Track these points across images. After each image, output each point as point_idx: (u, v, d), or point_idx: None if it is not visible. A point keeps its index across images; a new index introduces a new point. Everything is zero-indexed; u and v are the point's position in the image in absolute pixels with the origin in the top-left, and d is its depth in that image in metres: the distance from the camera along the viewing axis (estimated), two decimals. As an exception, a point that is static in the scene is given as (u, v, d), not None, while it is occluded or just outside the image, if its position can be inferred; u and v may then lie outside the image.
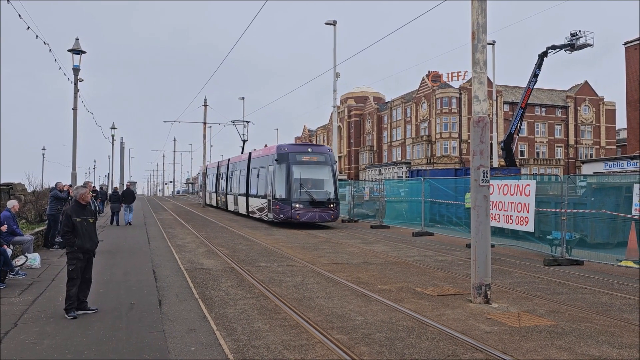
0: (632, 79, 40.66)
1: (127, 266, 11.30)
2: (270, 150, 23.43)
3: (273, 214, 21.71)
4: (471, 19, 8.24)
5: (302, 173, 21.26)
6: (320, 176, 21.84)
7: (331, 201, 21.35)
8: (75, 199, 7.55)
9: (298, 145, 24.12)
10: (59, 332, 6.28)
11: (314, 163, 21.76)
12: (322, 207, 21.03)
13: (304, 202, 20.79)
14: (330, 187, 21.65)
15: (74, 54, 19.75)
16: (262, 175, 23.79)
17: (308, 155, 21.81)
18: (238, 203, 29.13)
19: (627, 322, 7.00)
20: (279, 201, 21.28)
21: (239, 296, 8.34)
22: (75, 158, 20.74)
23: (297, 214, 20.61)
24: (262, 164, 24.02)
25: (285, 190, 20.98)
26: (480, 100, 8.12)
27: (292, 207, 20.65)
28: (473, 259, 8.02)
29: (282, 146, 22.22)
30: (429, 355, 5.52)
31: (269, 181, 22.48)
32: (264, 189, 23.34)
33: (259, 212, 24.24)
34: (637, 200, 11.66)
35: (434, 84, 69.36)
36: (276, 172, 21.66)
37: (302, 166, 21.38)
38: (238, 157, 31.96)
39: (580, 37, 29.37)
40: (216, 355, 5.49)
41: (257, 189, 24.75)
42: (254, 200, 25.23)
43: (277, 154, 21.82)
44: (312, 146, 22.77)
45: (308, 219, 20.76)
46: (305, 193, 20.94)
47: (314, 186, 21.38)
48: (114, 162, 58.72)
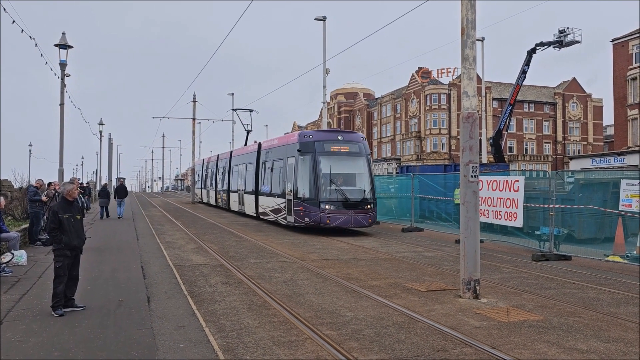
0: (619, 76, 41.05)
1: (115, 263, 11.21)
2: (290, 138, 19.63)
3: (295, 217, 17.92)
4: (461, 15, 8.23)
5: (332, 166, 17.45)
6: (354, 170, 18.04)
7: (368, 201, 17.52)
8: (63, 195, 7.46)
9: (325, 132, 19.62)
10: (46, 330, 6.21)
11: (346, 154, 17.96)
12: (358, 209, 17.22)
13: (335, 202, 16.99)
14: (367, 184, 17.83)
15: (61, 48, 19.52)
16: (278, 169, 20.09)
17: (338, 144, 17.92)
18: (244, 202, 25.35)
19: (614, 316, 7.06)
20: (303, 201, 17.52)
21: (229, 292, 8.31)
22: (62, 154, 20.54)
23: (327, 217, 16.77)
24: (278, 156, 20.33)
25: (311, 188, 17.24)
26: (469, 96, 8.14)
27: (322, 209, 16.79)
28: (462, 254, 8.04)
29: (305, 133, 18.53)
30: (418, 350, 5.53)
31: (288, 177, 18.72)
32: (280, 186, 19.58)
33: (273, 213, 20.56)
34: (624, 196, 11.77)
35: (424, 80, 69.51)
36: (299, 166, 17.88)
37: (331, 158, 17.60)
38: (243, 148, 28.05)
39: (568, 34, 29.60)
40: (205, 352, 5.46)
41: (270, 186, 21.04)
42: (266, 200, 21.47)
43: (300, 142, 18.08)
44: (342, 133, 19.05)
45: (341, 224, 16.94)
46: (336, 191, 17.08)
47: (347, 183, 17.66)
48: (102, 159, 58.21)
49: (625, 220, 12.06)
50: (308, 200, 17.28)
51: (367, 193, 17.63)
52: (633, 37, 40.09)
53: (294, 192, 18.01)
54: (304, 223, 17.44)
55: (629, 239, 12.38)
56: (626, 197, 11.65)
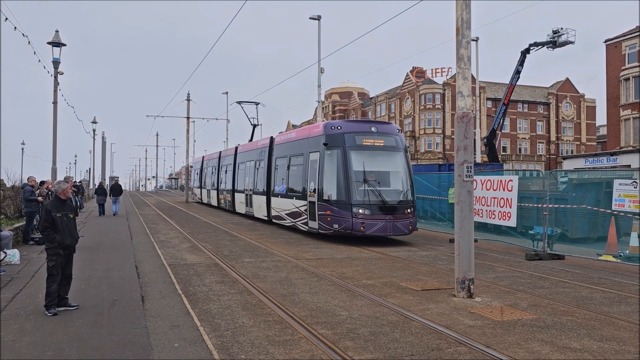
0: (612, 77, 41.29)
1: (109, 262, 11.16)
2: (312, 130, 16.97)
3: (320, 223, 15.35)
4: (455, 14, 8.25)
5: (365, 163, 14.90)
6: (391, 167, 15.63)
7: (408, 204, 14.96)
8: (56, 194, 7.42)
9: (356, 122, 17.52)
10: (39, 329, 6.18)
11: (381, 148, 15.44)
12: (397, 214, 14.60)
13: (370, 206, 14.45)
14: (405, 184, 15.35)
15: (54, 46, 19.43)
16: (297, 167, 17.59)
17: (371, 137, 15.43)
18: (252, 204, 22.84)
19: (607, 315, 7.11)
20: (330, 204, 14.92)
21: (223, 292, 8.29)
22: (55, 153, 20.46)
23: (360, 223, 14.23)
24: (297, 151, 17.85)
25: (340, 189, 14.72)
26: (464, 95, 8.16)
27: (354, 214, 14.30)
28: (457, 253, 8.07)
29: (332, 124, 16.02)
30: (413, 349, 5.55)
31: (310, 175, 16.19)
32: (300, 186, 17.02)
33: (290, 218, 17.95)
34: (616, 195, 11.84)
35: (418, 79, 69.65)
36: (325, 162, 15.36)
37: (364, 153, 15.12)
38: (251, 144, 25.41)
39: (562, 35, 29.69)
40: (200, 351, 5.44)
41: (286, 186, 18.48)
42: (282, 202, 18.88)
43: (326, 135, 15.50)
44: (375, 123, 16.41)
45: (377, 232, 14.34)
46: (372, 193, 14.58)
47: (383, 182, 15.15)
48: (96, 157, 57.99)
49: (618, 219, 12.14)
50: (337, 203, 14.72)
51: (407, 194, 15.17)
52: (626, 37, 40.33)
53: (318, 193, 15.51)
54: (331, 230, 14.85)
55: (622, 239, 12.45)
56: (619, 197, 11.72)
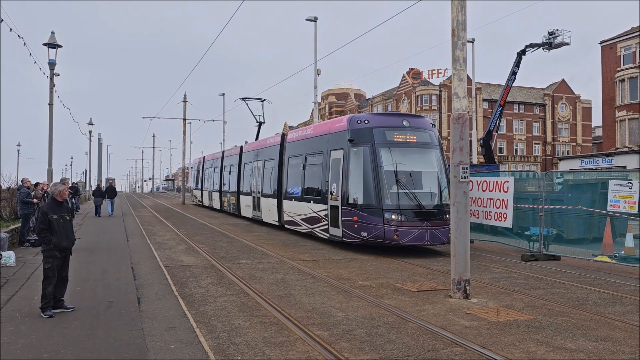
0: (607, 78, 41.46)
1: (105, 264, 11.14)
2: (334, 125, 15.15)
3: (345, 230, 13.53)
4: (451, 16, 8.28)
5: (397, 162, 13.07)
6: (426, 166, 13.79)
7: (446, 209, 12.58)
8: (53, 195, 7.40)
9: (384, 115, 15.52)
10: (35, 332, 6.16)
11: (414, 145, 13.65)
12: (434, 220, 12.75)
13: (405, 211, 12.60)
14: (442, 186, 13.49)
15: (50, 48, 19.35)
16: (316, 166, 15.79)
17: (403, 132, 13.62)
18: (261, 208, 20.97)
19: (603, 315, 7.14)
20: (357, 209, 13.10)
21: (219, 293, 8.29)
22: (51, 154, 20.37)
23: (393, 231, 12.41)
24: (315, 149, 16.02)
25: (369, 191, 12.94)
26: (460, 97, 8.18)
27: (386, 220, 12.48)
28: (452, 254, 8.08)
29: (358, 118, 14.10)
30: (409, 350, 5.56)
31: (332, 176, 14.41)
32: (320, 188, 15.26)
33: (306, 223, 16.14)
34: (612, 196, 11.89)
35: (415, 81, 69.80)
36: (350, 161, 13.59)
37: (396, 150, 13.30)
38: (259, 142, 23.41)
39: (557, 36, 29.80)
40: (196, 352, 5.44)
41: (302, 187, 16.59)
42: (296, 206, 16.94)
43: (351, 130, 13.79)
44: (407, 117, 14.46)
45: (413, 241, 12.54)
46: (406, 196, 12.75)
47: (418, 184, 13.32)
48: (92, 159, 57.83)
49: (614, 220, 12.18)
50: (365, 207, 12.87)
51: (444, 198, 13.16)
52: (621, 39, 40.51)
53: (342, 196, 13.71)
54: (359, 239, 13.03)
55: (617, 239, 12.50)
56: (614, 198, 11.76)
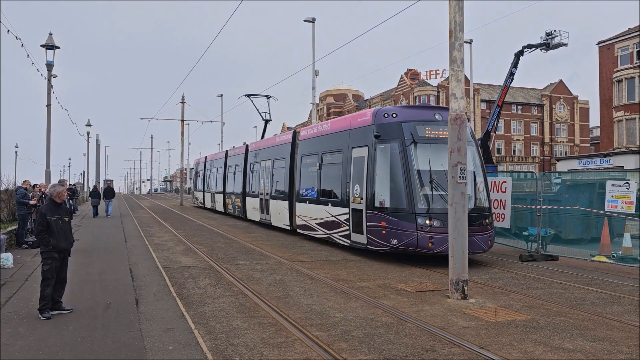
0: (605, 78, 41.55)
1: (103, 265, 11.13)
2: (357, 120, 13.49)
3: (370, 237, 12.01)
4: (448, 17, 8.30)
5: (431, 160, 11.51)
6: None
7: (486, 213, 11.75)
8: (51, 197, 7.39)
9: (414, 108, 13.29)
10: (33, 333, 6.16)
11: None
12: (474, 225, 10.88)
13: (440, 215, 10.89)
14: (481, 187, 12.07)
15: (48, 49, 19.37)
16: (333, 165, 14.40)
17: (436, 126, 11.87)
18: (270, 210, 19.45)
19: (601, 315, 7.15)
20: (386, 213, 11.57)
21: (218, 294, 8.29)
22: (49, 156, 20.39)
23: (428, 238, 10.92)
24: (333, 146, 14.51)
25: (400, 193, 11.39)
26: (457, 98, 8.20)
27: (419, 226, 10.97)
28: (450, 255, 8.09)
29: (385, 111, 12.30)
30: (407, 350, 5.56)
31: (355, 176, 12.90)
32: (340, 189, 13.73)
33: (323, 228, 14.70)
34: (609, 196, 11.92)
35: (413, 81, 69.82)
36: (377, 159, 12.02)
37: (429, 147, 11.67)
38: (266, 141, 22.05)
39: (555, 37, 29.87)
40: (194, 354, 5.44)
41: (317, 189, 15.25)
42: (311, 209, 15.51)
43: (377, 125, 12.15)
44: (439, 110, 12.50)
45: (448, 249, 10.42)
46: (442, 199, 11.06)
47: None
48: (90, 160, 57.83)
49: (611, 220, 12.21)
50: (395, 211, 11.30)
51: (483, 200, 11.94)
52: (618, 39, 40.61)
53: (367, 198, 12.18)
54: (387, 247, 11.53)
55: (615, 239, 12.53)
56: (612, 198, 11.79)
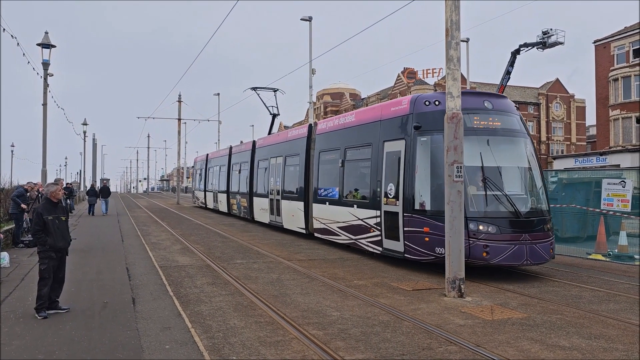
0: (601, 77, 41.64)
1: (100, 264, 11.11)
2: (390, 109, 11.56)
3: (409, 244, 10.33)
4: (445, 16, 8.31)
5: (483, 155, 9.95)
6: (517, 161, 10.60)
7: (546, 218, 10.08)
8: (47, 196, 7.38)
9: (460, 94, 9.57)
10: (29, 332, 6.15)
11: (502, 133, 10.41)
12: (535, 231, 9.63)
13: (497, 220, 9.53)
14: (538, 186, 10.56)
15: (44, 48, 19.27)
16: (359, 162, 12.76)
17: (486, 116, 10.32)
18: (281, 212, 17.96)
19: (596, 313, 7.18)
20: (429, 217, 9.92)
21: (215, 293, 8.29)
22: (45, 155, 20.29)
23: (482, 247, 9.32)
24: (358, 140, 12.76)
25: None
26: (454, 96, 8.21)
27: (472, 233, 9.38)
28: (447, 253, 8.11)
29: (426, 98, 10.59)
30: (404, 349, 5.58)
31: (387, 173, 11.19)
32: (367, 188, 12.12)
33: (347, 233, 13.07)
34: (605, 195, 11.97)
35: (409, 80, 69.85)
36: (417, 154, 10.31)
37: (479, 140, 10.09)
38: (275, 136, 20.44)
39: (551, 35, 29.90)
40: (191, 352, 5.44)
41: (339, 188, 13.56)
42: (332, 211, 13.96)
43: (417, 114, 10.49)
44: (488, 96, 10.85)
45: (508, 260, 9.38)
46: (497, 200, 9.72)
47: (509, 184, 10.22)
48: (86, 159, 57.63)
49: (607, 219, 12.27)
50: (441, 215, 8.90)
51: (542, 202, 10.38)
52: (615, 38, 40.70)
53: (405, 199, 10.43)
54: (432, 256, 9.84)
55: (611, 237, 12.59)
56: (608, 197, 11.85)
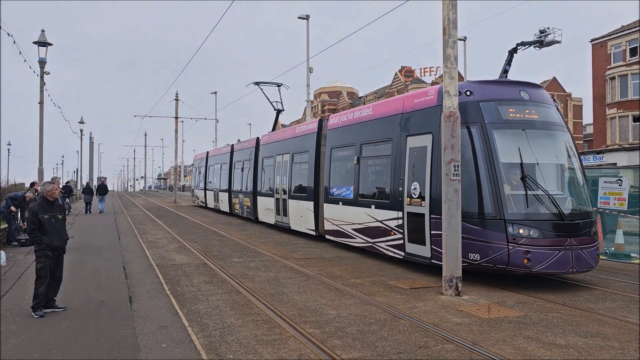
0: (598, 76, 41.71)
1: (97, 263, 11.09)
2: (413, 100, 10.66)
3: (437, 249, 9.36)
4: (442, 14, 8.31)
5: (522, 150, 9.06)
6: (558, 157, 9.66)
7: (591, 220, 9.21)
8: (43, 195, 7.35)
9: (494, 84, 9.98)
10: (26, 331, 6.13)
11: (540, 126, 9.50)
12: (580, 236, 8.75)
13: (540, 223, 8.62)
14: (580, 184, 9.66)
15: (40, 46, 19.25)
16: (376, 159, 12.01)
17: (523, 107, 9.51)
18: (288, 212, 17.10)
19: (592, 311, 7.20)
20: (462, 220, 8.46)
21: (212, 292, 8.28)
22: (42, 153, 20.28)
23: (523, 253, 8.41)
24: (375, 136, 11.90)
25: (483, 193, 8.92)
26: (451, 95, 8.21)
27: (511, 237, 8.50)
28: (444, 252, 8.11)
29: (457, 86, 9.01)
30: (401, 347, 5.58)
31: (410, 171, 10.36)
32: (387, 187, 11.28)
33: (363, 235, 12.23)
34: (602, 193, 11.99)
35: (407, 79, 69.84)
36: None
37: (516, 133, 9.27)
38: (281, 133, 19.40)
39: (548, 34, 29.90)
40: (188, 351, 5.44)
41: (354, 187, 12.73)
42: (345, 212, 13.10)
43: None
44: (524, 86, 9.93)
45: (552, 268, 8.45)
46: (538, 201, 8.77)
47: (550, 183, 9.30)
48: (83, 158, 57.58)
49: (604, 217, 12.29)
50: (475, 217, 8.87)
51: (586, 202, 9.50)
52: (611, 37, 40.77)
53: (432, 199, 9.58)
54: (464, 263, 8.74)
55: (608, 236, 12.62)
56: (604, 195, 11.87)
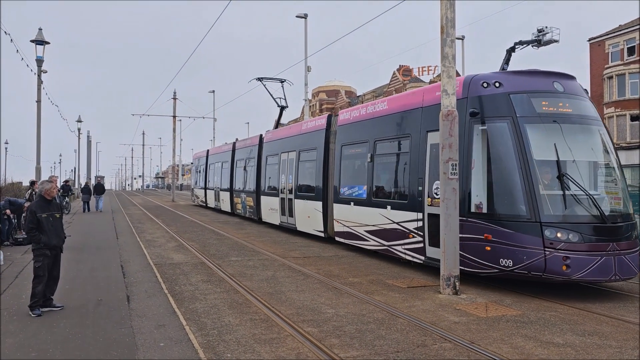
0: (596, 75, 41.77)
1: (95, 262, 11.07)
2: (434, 94, 9.91)
3: (464, 254, 8.64)
4: (440, 13, 8.31)
5: (558, 146, 8.38)
6: (595, 154, 9.03)
7: (633, 223, 8.55)
8: (40, 194, 7.34)
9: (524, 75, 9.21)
10: (23, 330, 6.12)
11: (576, 120, 8.84)
12: (622, 240, 8.06)
13: (578, 227, 7.92)
14: (621, 185, 8.90)
15: (37, 44, 19.20)
16: (392, 157, 11.34)
17: (556, 100, 8.86)
18: (294, 212, 16.49)
19: (590, 310, 7.22)
20: (492, 222, 8.40)
21: (210, 291, 8.28)
22: (39, 152, 20.27)
23: (562, 259, 7.72)
24: (391, 132, 11.27)
25: (515, 194, 8.25)
26: (449, 94, 8.21)
27: (548, 241, 7.82)
28: (442, 251, 8.12)
29: (484, 78, 9.04)
30: (398, 346, 5.59)
31: (434, 170, 9.50)
32: (403, 187, 10.73)
33: (377, 238, 11.52)
34: (599, 192, 11.96)
35: (405, 78, 69.83)
36: (474, 146, 8.86)
37: (550, 128, 8.59)
38: (286, 130, 18.77)
39: (546, 33, 29.94)
40: (186, 350, 5.44)
41: (367, 186, 12.02)
42: (358, 212, 12.37)
43: (473, 98, 9.02)
44: (557, 77, 9.31)
45: (592, 275, 7.74)
46: (577, 202, 8.14)
47: (589, 183, 8.74)
48: (81, 156, 57.45)
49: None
50: (508, 219, 8.22)
51: (627, 204, 8.73)
52: (609, 36, 40.83)
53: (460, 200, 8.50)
54: (495, 269, 8.34)
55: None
56: (602, 194, 11.84)
